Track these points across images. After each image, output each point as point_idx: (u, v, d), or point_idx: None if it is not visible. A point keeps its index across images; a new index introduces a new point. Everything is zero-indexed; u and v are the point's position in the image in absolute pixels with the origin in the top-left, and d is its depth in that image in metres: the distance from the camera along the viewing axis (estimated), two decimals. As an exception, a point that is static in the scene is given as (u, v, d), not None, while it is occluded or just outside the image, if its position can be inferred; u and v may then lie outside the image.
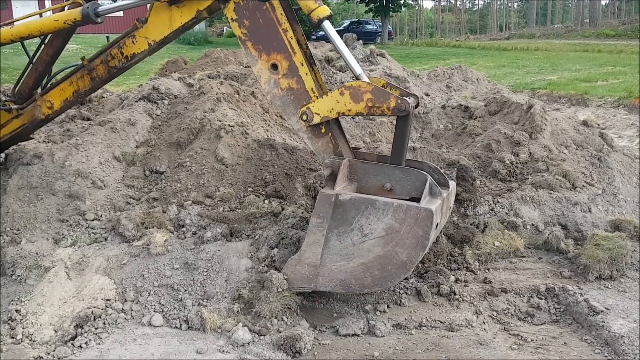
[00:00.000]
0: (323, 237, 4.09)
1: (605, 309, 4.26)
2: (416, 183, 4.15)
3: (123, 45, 4.73)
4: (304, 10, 4.15)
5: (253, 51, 4.28)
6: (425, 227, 3.90)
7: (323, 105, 4.17)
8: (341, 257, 4.10)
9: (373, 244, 4.02)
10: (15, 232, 5.22)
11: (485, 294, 4.65)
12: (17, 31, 4.76)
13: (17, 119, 5.39)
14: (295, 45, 4.18)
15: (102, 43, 29.00)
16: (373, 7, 48.57)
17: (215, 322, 4.09)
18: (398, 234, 3.94)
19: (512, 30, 61.19)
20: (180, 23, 4.46)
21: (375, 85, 4.05)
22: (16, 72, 18.24)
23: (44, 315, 4.23)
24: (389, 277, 4.04)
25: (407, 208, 3.92)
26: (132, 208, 5.62)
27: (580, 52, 29.73)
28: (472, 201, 5.68)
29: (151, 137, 6.75)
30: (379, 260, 4.02)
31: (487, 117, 7.81)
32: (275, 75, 4.27)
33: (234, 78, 9.31)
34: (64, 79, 5.12)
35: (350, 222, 4.03)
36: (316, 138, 4.33)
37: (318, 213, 4.07)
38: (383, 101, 4.00)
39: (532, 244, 5.44)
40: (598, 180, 6.20)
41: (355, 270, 4.08)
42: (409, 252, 3.95)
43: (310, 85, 4.22)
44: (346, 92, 4.08)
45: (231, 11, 4.24)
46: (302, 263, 4.18)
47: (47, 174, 5.76)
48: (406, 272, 4.04)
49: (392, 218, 3.93)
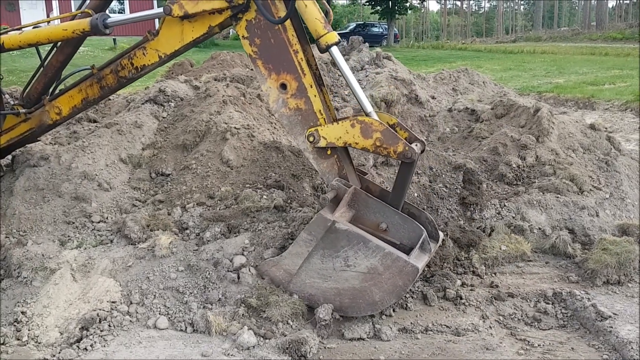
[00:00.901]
0: (307, 253, 4.22)
1: (613, 314, 4.22)
2: (411, 234, 4.22)
3: (133, 57, 4.73)
4: (313, 35, 4.15)
5: (263, 70, 4.31)
6: (406, 280, 4.06)
7: (332, 131, 4.20)
8: (318, 276, 4.25)
9: (352, 276, 4.16)
10: (22, 234, 5.24)
11: (491, 299, 4.62)
12: (26, 38, 4.77)
13: (25, 123, 5.41)
14: (305, 66, 4.20)
15: (109, 45, 29.15)
16: (379, 10, 48.62)
17: (220, 325, 4.08)
18: (379, 276, 4.09)
19: (518, 33, 61.09)
20: (191, 38, 4.47)
21: (387, 127, 4.06)
22: (24, 74, 18.38)
23: (50, 317, 4.23)
24: (355, 309, 4.22)
25: (396, 258, 4.03)
26: (138, 210, 5.62)
27: (587, 55, 29.64)
28: (478, 205, 5.66)
29: (157, 139, 6.76)
30: (352, 292, 4.18)
31: (494, 120, 7.78)
32: (284, 94, 4.29)
33: (240, 81, 9.31)
34: (73, 85, 5.13)
35: (338, 249, 4.15)
36: (321, 159, 4.36)
37: (310, 230, 4.17)
38: (391, 144, 4.05)
39: (539, 248, 5.41)
40: (605, 184, 6.16)
41: (326, 291, 4.25)
42: (383, 295, 4.12)
43: (318, 106, 4.24)
44: (357, 126, 4.11)
45: (243, 29, 4.27)
46: (279, 267, 4.35)
47: (54, 176, 5.77)
48: (374, 310, 4.22)
49: (379, 261, 4.06)
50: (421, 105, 8.94)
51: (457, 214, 5.61)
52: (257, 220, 5.18)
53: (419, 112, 8.67)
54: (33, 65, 19.54)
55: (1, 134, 5.51)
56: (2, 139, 5.48)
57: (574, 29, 54.99)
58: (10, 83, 13.29)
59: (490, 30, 72.45)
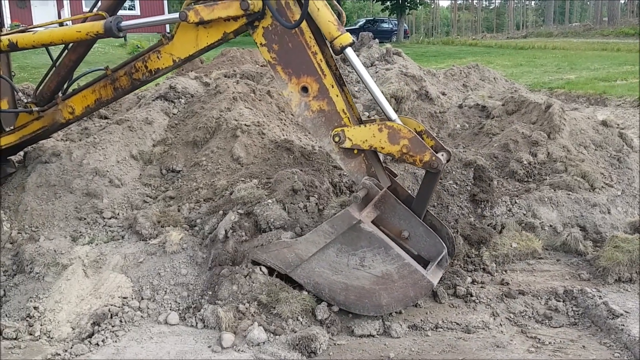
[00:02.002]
0: (324, 244, 4.21)
1: (624, 312, 4.20)
2: (431, 248, 4.25)
3: (148, 60, 4.73)
4: (327, 37, 4.11)
5: (283, 75, 4.27)
6: (419, 293, 4.13)
7: (358, 134, 4.15)
8: (329, 267, 4.27)
9: (364, 276, 4.17)
10: (34, 230, 5.28)
11: (502, 296, 4.60)
12: (39, 38, 4.80)
13: (38, 121, 5.45)
14: (325, 67, 4.16)
15: (119, 42, 29.26)
16: (389, 6, 48.48)
17: (230, 321, 4.10)
18: (392, 283, 4.11)
19: (529, 28, 60.67)
20: (206, 43, 4.46)
21: (415, 134, 4.03)
22: (35, 71, 18.50)
23: (62, 312, 4.27)
24: (359, 307, 4.25)
25: (413, 270, 4.05)
26: (149, 206, 5.65)
27: (599, 50, 29.38)
28: (489, 202, 5.64)
29: (168, 135, 6.78)
30: (360, 290, 4.21)
31: (505, 116, 7.74)
32: (305, 97, 4.25)
33: (250, 77, 9.32)
34: (87, 85, 5.15)
35: (356, 248, 4.15)
36: (348, 159, 4.30)
37: (333, 224, 4.13)
38: (418, 152, 4.02)
39: (550, 246, 5.38)
40: (617, 181, 6.12)
41: (334, 284, 4.27)
42: (391, 301, 4.16)
43: (341, 106, 4.20)
44: (385, 131, 4.07)
45: (260, 36, 4.25)
46: (292, 250, 4.33)
47: (65, 172, 5.81)
48: (377, 313, 4.24)
49: (396, 269, 4.07)
50: (431, 102, 8.90)
51: (467, 210, 5.59)
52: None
53: (429, 109, 8.64)
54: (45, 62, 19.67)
55: (14, 131, 5.56)
56: (15, 136, 5.53)
57: (586, 24, 54.51)
58: (22, 80, 13.39)
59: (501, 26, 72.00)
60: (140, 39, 29.68)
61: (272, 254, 4.46)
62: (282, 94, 4.37)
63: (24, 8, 37.23)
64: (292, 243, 4.36)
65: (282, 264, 4.40)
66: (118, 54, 26.61)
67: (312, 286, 4.35)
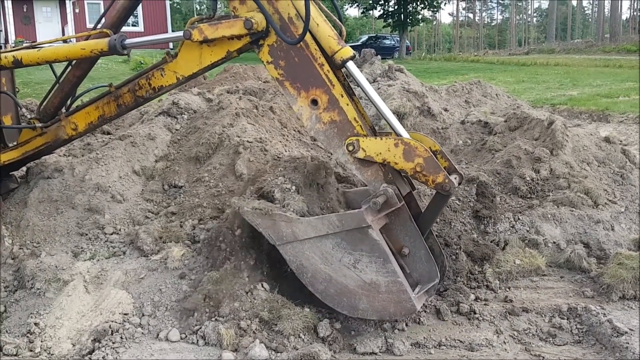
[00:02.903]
0: (325, 233, 4.15)
1: (629, 329, 4.16)
2: (425, 274, 4.27)
3: (151, 77, 4.76)
4: (327, 51, 4.11)
5: (292, 90, 4.25)
6: (399, 312, 4.09)
7: (373, 145, 4.11)
8: (320, 256, 4.22)
9: (352, 277, 4.15)
10: (35, 245, 5.27)
11: (506, 313, 4.57)
12: (44, 55, 4.84)
13: (41, 137, 5.47)
14: (333, 77, 4.14)
15: (123, 58, 29.39)
16: (391, 22, 48.84)
17: (232, 339, 4.07)
18: (377, 293, 4.08)
19: (531, 45, 60.98)
20: (210, 61, 4.48)
21: (431, 154, 4.01)
22: (38, 87, 18.60)
23: (62, 328, 4.24)
24: (334, 302, 4.23)
25: (403, 290, 4.02)
26: (151, 222, 5.64)
27: (601, 67, 29.48)
28: (492, 218, 5.62)
29: (170, 151, 6.80)
30: (342, 287, 4.18)
31: (507, 132, 7.75)
32: (316, 110, 4.22)
33: (252, 93, 9.37)
34: (90, 102, 5.19)
35: (355, 249, 4.11)
36: (364, 168, 4.24)
37: (342, 219, 4.09)
38: (432, 173, 4.00)
39: (553, 263, 5.35)
40: (621, 198, 6.10)
41: (318, 272, 4.23)
42: (368, 309, 4.13)
43: (352, 115, 4.16)
44: (401, 147, 4.04)
45: (266, 54, 4.25)
46: (290, 226, 4.25)
47: (67, 188, 5.82)
48: (350, 313, 4.23)
49: (386, 283, 4.04)
50: (434, 118, 8.93)
51: (470, 227, 5.57)
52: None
53: (432, 125, 8.66)
54: (48, 77, 19.77)
55: (17, 146, 5.58)
56: (18, 152, 5.55)
57: (588, 40, 54.80)
58: (25, 95, 13.46)
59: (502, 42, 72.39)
60: (144, 55, 29.87)
61: (267, 222, 4.34)
62: (293, 109, 4.35)
63: (29, 24, 37.59)
64: (293, 220, 4.26)
65: (274, 234, 4.31)
66: (121, 70, 26.79)
67: (296, 266, 4.30)
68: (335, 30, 4.17)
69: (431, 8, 50.24)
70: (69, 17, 38.45)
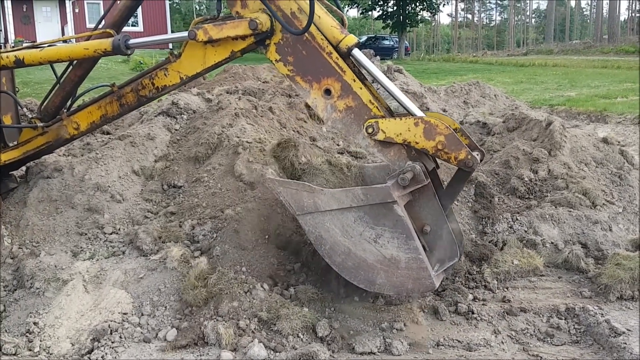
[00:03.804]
0: (348, 206, 4.13)
1: (626, 330, 4.17)
2: (445, 253, 4.27)
3: (155, 77, 4.79)
4: (332, 41, 4.13)
5: (304, 84, 4.27)
6: (417, 288, 4.12)
7: (392, 126, 4.10)
8: (341, 228, 4.20)
9: (372, 251, 4.14)
10: (35, 245, 5.28)
11: (504, 313, 4.58)
12: (46, 54, 4.84)
13: (42, 137, 5.48)
14: (343, 64, 4.14)
15: (123, 58, 29.39)
16: (390, 23, 48.85)
17: (230, 338, 4.08)
18: (396, 270, 4.09)
19: (529, 46, 61.04)
20: (214, 61, 4.51)
21: (452, 131, 3.99)
22: (38, 86, 18.58)
23: (62, 328, 4.25)
24: (351, 275, 4.22)
25: (424, 267, 4.03)
26: (150, 222, 5.65)
27: (599, 68, 29.53)
28: (490, 218, 5.64)
29: (170, 151, 6.80)
30: (361, 261, 4.18)
31: (506, 133, 7.77)
32: (330, 100, 4.22)
33: (252, 93, 9.38)
34: (93, 102, 5.21)
35: (377, 223, 4.08)
36: (386, 149, 4.22)
37: (367, 193, 4.07)
38: (454, 150, 3.98)
39: (551, 263, 5.36)
40: (619, 199, 6.12)
41: (337, 244, 4.22)
42: (386, 283, 4.14)
43: (367, 97, 4.16)
44: (421, 125, 4.02)
45: (273, 53, 4.29)
46: (312, 197, 4.23)
47: (67, 188, 5.82)
48: (367, 288, 4.24)
49: (406, 259, 4.05)
50: (432, 118, 8.93)
51: (468, 227, 5.59)
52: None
53: (430, 125, 8.66)
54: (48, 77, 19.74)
55: (18, 146, 5.58)
56: (18, 151, 5.55)
57: (586, 42, 54.86)
58: (25, 95, 13.45)
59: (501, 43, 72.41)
60: (144, 55, 29.85)
61: (289, 191, 4.33)
62: (307, 102, 4.35)
63: (28, 24, 37.58)
64: (316, 190, 4.24)
65: (295, 204, 4.30)
66: (121, 70, 26.77)
67: (315, 237, 4.29)
68: (336, 20, 4.21)
69: (430, 9, 50.29)
70: (68, 17, 38.44)
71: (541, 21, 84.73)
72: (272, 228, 5.32)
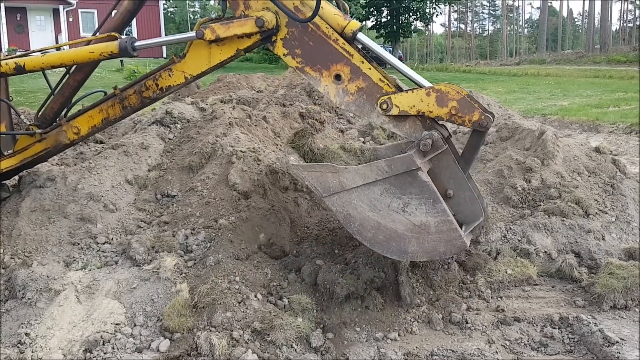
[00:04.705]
0: (373, 180, 4.21)
1: (620, 339, 4.18)
2: (470, 214, 4.41)
3: (159, 78, 4.83)
4: (336, 28, 4.27)
5: (313, 73, 4.40)
6: (449, 250, 4.21)
7: (405, 99, 4.22)
8: (368, 203, 4.26)
9: (401, 220, 4.20)
10: (27, 255, 5.24)
11: (497, 323, 4.58)
12: (49, 60, 4.84)
13: (40, 143, 5.46)
14: (350, 48, 4.26)
15: (116, 67, 29.46)
16: (384, 33, 49.09)
17: (224, 348, 4.06)
18: (427, 234, 4.17)
19: (522, 55, 61.42)
20: (219, 60, 4.60)
21: (463, 95, 4.11)
22: (31, 95, 18.54)
23: (54, 339, 4.22)
24: (384, 247, 4.28)
25: (454, 229, 4.13)
26: (143, 232, 5.63)
27: (591, 77, 29.77)
28: (483, 228, 5.64)
29: (163, 160, 6.79)
30: (391, 233, 4.23)
31: (499, 142, 7.79)
32: (341, 84, 4.35)
33: (246, 103, 9.38)
34: (93, 106, 5.23)
35: (404, 193, 4.18)
36: (401, 123, 4.33)
37: (391, 164, 4.15)
38: (467, 112, 4.11)
39: (545, 272, 5.37)
40: (611, 208, 6.14)
41: (367, 219, 4.28)
42: (418, 250, 4.22)
43: (377, 76, 4.28)
44: (433, 95, 4.15)
45: (281, 48, 4.42)
46: (336, 176, 4.30)
47: (60, 197, 5.79)
48: (400, 258, 4.35)
49: (436, 223, 4.14)
50: (426, 128, 8.95)
51: (462, 236, 5.59)
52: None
53: (424, 135, 8.69)
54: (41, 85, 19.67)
55: (15, 154, 5.56)
56: (16, 159, 5.53)
57: (578, 51, 55.29)
58: (18, 104, 13.42)
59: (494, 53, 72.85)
60: (138, 64, 29.89)
61: (314, 174, 4.38)
62: (319, 90, 4.49)
63: (22, 33, 37.53)
64: (340, 170, 4.32)
65: (321, 186, 4.35)
66: (114, 78, 26.77)
67: (343, 216, 4.33)
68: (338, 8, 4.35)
69: (423, 19, 50.58)
70: (62, 26, 38.43)
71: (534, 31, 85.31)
72: (266, 238, 5.32)
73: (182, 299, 4.47)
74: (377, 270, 4.76)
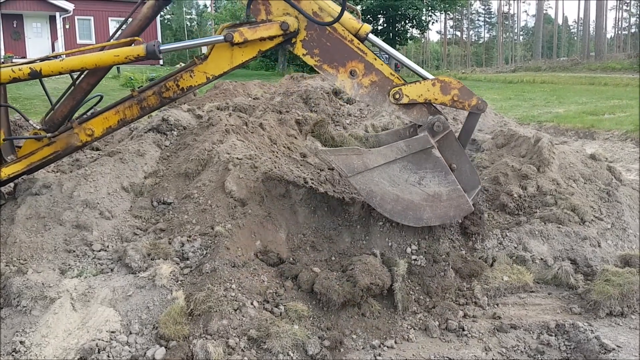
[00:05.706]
0: (393, 159, 4.88)
1: (616, 346, 4.19)
2: (469, 183, 5.21)
3: (180, 79, 5.10)
4: (351, 30, 4.87)
5: (331, 70, 4.97)
6: (458, 214, 5.06)
7: (414, 89, 4.94)
8: (388, 179, 4.94)
9: (417, 193, 4.94)
10: (22, 262, 5.21)
11: (494, 330, 4.58)
12: (68, 64, 4.87)
13: (49, 147, 5.46)
14: (363, 47, 4.89)
15: (112, 74, 29.38)
16: (380, 40, 49.21)
17: (220, 356, 4.04)
18: (439, 203, 4.95)
19: (518, 62, 61.69)
20: (241, 61, 4.99)
21: (463, 85, 4.93)
22: (27, 102, 18.52)
23: (48, 347, 4.19)
24: (402, 216, 5.01)
25: (461, 195, 4.94)
26: (139, 239, 5.61)
27: (587, 85, 29.89)
28: (480, 235, 5.65)
29: (160, 168, 6.78)
30: (408, 203, 4.96)
31: (495, 150, 7.82)
32: (355, 79, 4.97)
33: (242, 110, 9.39)
34: (108, 108, 5.33)
35: (420, 168, 4.90)
36: (410, 110, 5.04)
37: (409, 144, 4.86)
38: (467, 99, 4.93)
39: (541, 279, 5.38)
40: (607, 215, 6.16)
41: (387, 194, 4.95)
42: (431, 216, 4.99)
43: (388, 71, 4.97)
44: (438, 85, 4.93)
45: (300, 49, 4.94)
46: (360, 158, 4.90)
47: (55, 204, 5.77)
48: (416, 224, 5.07)
49: (447, 191, 4.92)
50: (422, 135, 8.97)
51: (458, 243, 5.60)
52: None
53: (420, 142, 8.70)
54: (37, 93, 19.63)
55: (20, 159, 5.53)
56: (22, 164, 5.51)
57: (573, 59, 55.51)
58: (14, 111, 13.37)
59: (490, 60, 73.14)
60: (134, 71, 29.89)
61: (340, 157, 4.92)
62: (335, 85, 5.07)
63: (18, 40, 37.51)
64: (364, 152, 4.93)
65: (346, 167, 4.90)
66: (111, 85, 26.73)
67: (366, 192, 4.95)
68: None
69: (419, 27, 50.74)
70: (59, 33, 38.41)
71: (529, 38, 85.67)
72: (262, 245, 5.31)
73: (178, 306, 4.45)
74: (373, 278, 4.76)
